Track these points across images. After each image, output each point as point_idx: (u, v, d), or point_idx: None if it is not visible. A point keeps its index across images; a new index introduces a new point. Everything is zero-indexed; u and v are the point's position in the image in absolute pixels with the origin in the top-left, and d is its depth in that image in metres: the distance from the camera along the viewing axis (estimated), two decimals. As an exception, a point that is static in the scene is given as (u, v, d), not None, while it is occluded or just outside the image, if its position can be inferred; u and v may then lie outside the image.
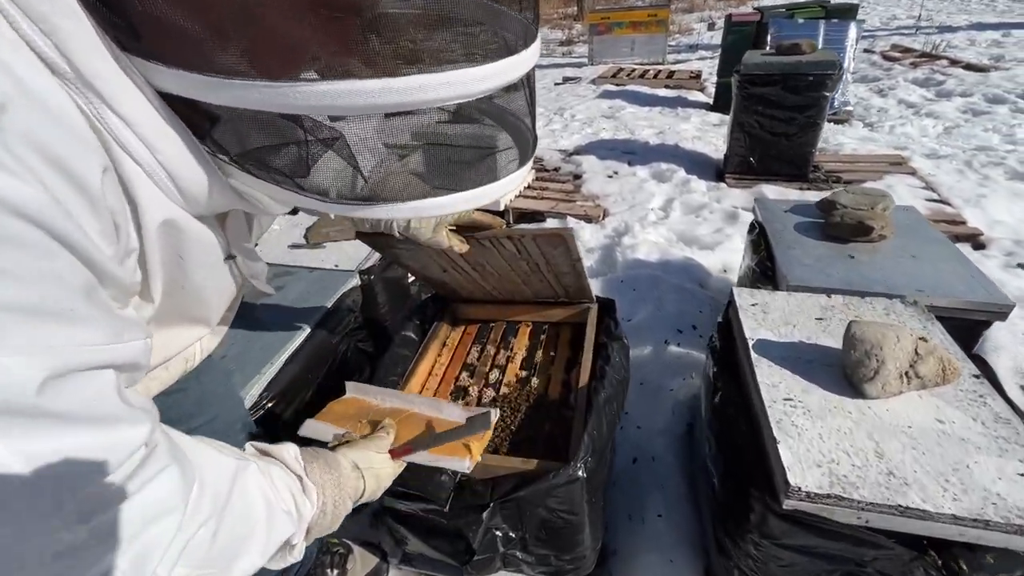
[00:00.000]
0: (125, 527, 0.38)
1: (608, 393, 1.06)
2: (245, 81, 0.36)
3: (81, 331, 0.34)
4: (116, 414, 0.37)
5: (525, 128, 0.50)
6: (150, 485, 0.40)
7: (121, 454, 0.37)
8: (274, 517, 0.55)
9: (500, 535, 1.02)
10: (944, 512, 0.76)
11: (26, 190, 0.30)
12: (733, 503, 0.97)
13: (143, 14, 0.34)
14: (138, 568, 0.38)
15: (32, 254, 0.30)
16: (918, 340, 0.97)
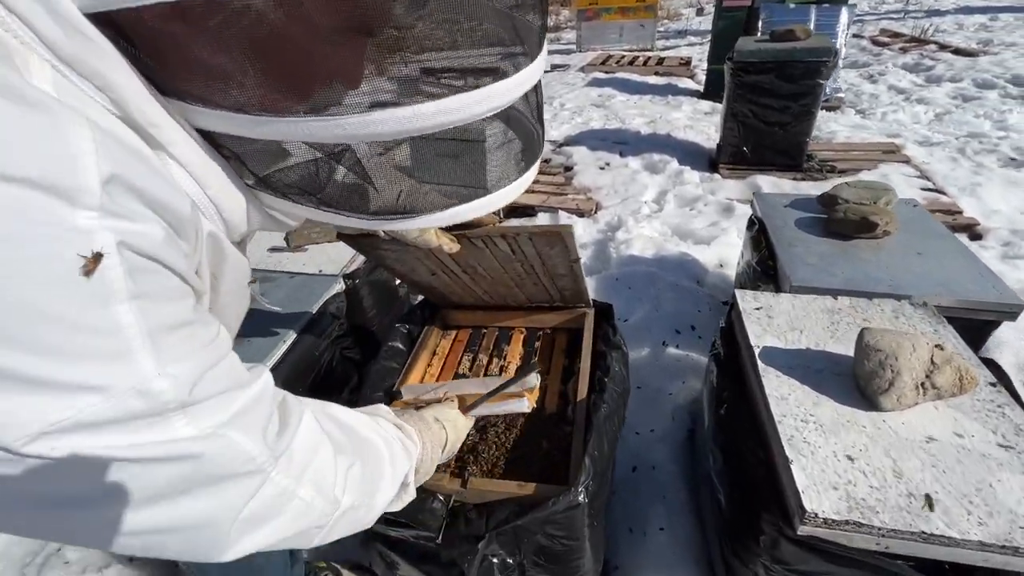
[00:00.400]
0: (302, 456, 0.49)
1: (608, 408, 1.00)
2: (290, 118, 0.38)
3: (203, 331, 0.40)
4: (247, 378, 0.44)
5: (535, 127, 0.53)
6: (302, 422, 0.50)
7: (265, 404, 0.45)
8: (394, 455, 0.66)
9: (497, 562, 0.97)
10: (970, 539, 0.71)
11: (145, 233, 0.34)
12: (742, 524, 0.92)
13: (185, 61, 0.36)
14: (320, 489, 0.51)
15: (161, 282, 0.35)
16: (934, 348, 0.92)
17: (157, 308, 0.34)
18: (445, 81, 0.41)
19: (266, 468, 0.44)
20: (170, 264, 0.36)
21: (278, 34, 0.34)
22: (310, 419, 0.52)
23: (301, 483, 0.48)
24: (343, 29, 0.36)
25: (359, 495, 0.57)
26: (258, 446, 0.42)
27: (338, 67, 0.38)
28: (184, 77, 0.37)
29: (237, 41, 0.35)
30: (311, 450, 0.50)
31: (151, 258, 0.34)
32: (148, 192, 0.34)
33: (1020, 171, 3.00)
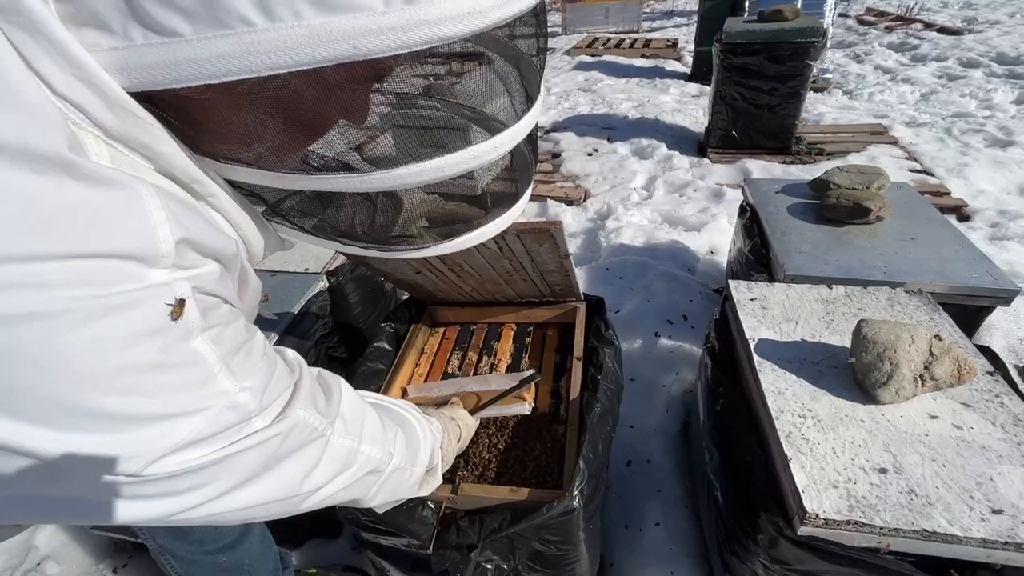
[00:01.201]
0: (353, 416, 0.57)
1: (602, 407, 0.97)
2: (316, 175, 0.43)
3: (256, 345, 0.45)
4: (294, 367, 0.52)
5: (531, 156, 0.56)
6: (343, 389, 0.59)
7: (309, 381, 0.52)
8: (424, 430, 0.75)
9: (491, 568, 0.94)
10: (973, 536, 0.70)
11: (209, 273, 0.39)
12: (740, 522, 0.90)
13: (217, 128, 0.39)
14: (377, 443, 0.61)
15: (221, 313, 0.41)
16: (932, 339, 0.90)
17: (223, 335, 0.40)
18: (454, 136, 0.46)
19: (326, 432, 0.52)
20: (224, 296, 0.41)
21: (302, 100, 0.37)
22: (349, 388, 0.60)
23: (362, 440, 0.57)
24: (359, 88, 0.40)
25: (404, 457, 0.67)
26: (314, 415, 0.50)
27: (359, 127, 0.43)
28: (215, 141, 0.40)
29: (264, 110, 0.38)
30: (359, 412, 0.59)
31: (212, 294, 0.39)
32: (204, 242, 0.38)
33: (1006, 151, 3.00)
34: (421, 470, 0.72)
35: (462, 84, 0.47)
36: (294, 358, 0.53)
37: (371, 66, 0.36)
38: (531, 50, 0.49)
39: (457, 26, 0.34)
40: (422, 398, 1.15)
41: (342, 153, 0.44)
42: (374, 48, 0.33)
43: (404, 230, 0.54)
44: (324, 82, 0.36)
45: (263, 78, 0.34)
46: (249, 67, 0.32)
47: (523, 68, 0.49)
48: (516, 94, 0.48)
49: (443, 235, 0.54)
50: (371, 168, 0.43)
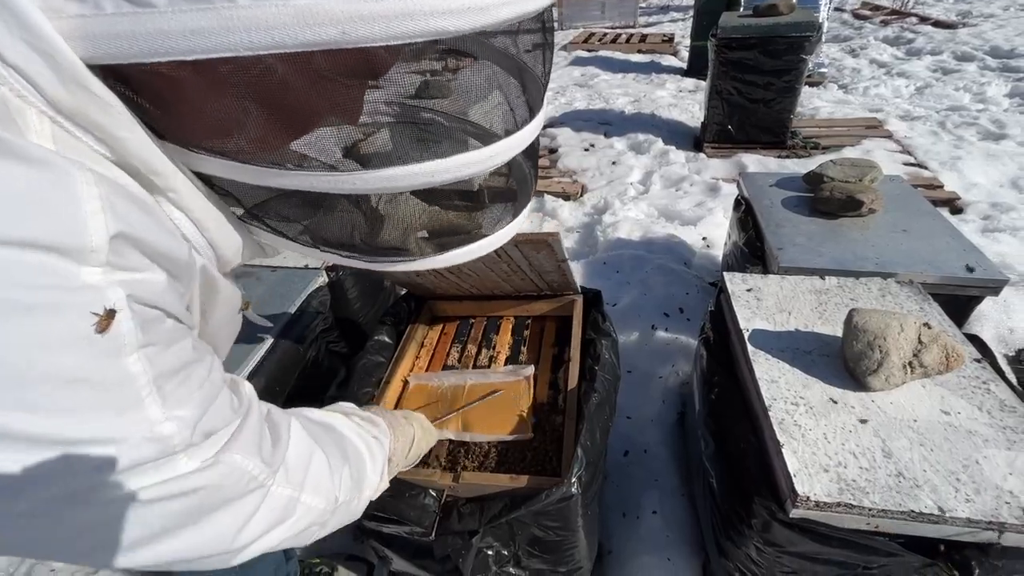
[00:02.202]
0: (298, 463, 0.51)
1: (599, 397, 0.99)
2: (298, 171, 0.39)
3: (201, 369, 0.40)
4: (239, 403, 0.45)
5: (531, 170, 0.54)
6: (292, 432, 0.52)
7: (255, 422, 0.46)
8: (371, 450, 0.69)
9: (492, 554, 0.96)
10: (958, 516, 0.72)
11: (150, 282, 0.35)
12: (734, 507, 0.93)
13: (191, 112, 0.36)
14: (319, 491, 0.53)
15: (164, 328, 0.36)
16: (921, 327, 0.93)
17: (161, 354, 0.35)
18: (448, 141, 0.43)
19: (266, 483, 0.46)
20: (170, 309, 0.37)
21: (288, 89, 0.34)
22: (299, 428, 0.54)
23: (304, 490, 0.51)
24: (351, 83, 0.37)
25: (350, 491, 0.61)
26: (256, 464, 0.44)
27: (347, 121, 0.40)
28: (188, 126, 0.37)
29: (242, 96, 0.35)
30: (306, 457, 0.53)
31: (154, 306, 0.35)
32: (150, 242, 0.34)
33: (999, 143, 3.03)
34: (370, 492, 0.68)
35: (459, 87, 0.44)
36: (248, 393, 0.48)
37: (361, 56, 0.33)
38: (535, 59, 0.46)
39: (457, 21, 0.32)
40: (422, 386, 1.17)
41: (326, 151, 0.41)
42: (365, 36, 0.31)
43: (391, 241, 0.51)
44: (309, 70, 0.34)
45: (242, 59, 0.31)
46: (227, 45, 0.30)
47: (526, 78, 0.46)
48: (517, 104, 0.46)
49: (433, 248, 0.51)
50: (356, 168, 0.40)
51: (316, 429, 0.60)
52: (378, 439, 0.72)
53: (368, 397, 1.13)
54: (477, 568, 0.96)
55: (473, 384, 1.17)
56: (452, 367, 1.27)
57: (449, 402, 1.14)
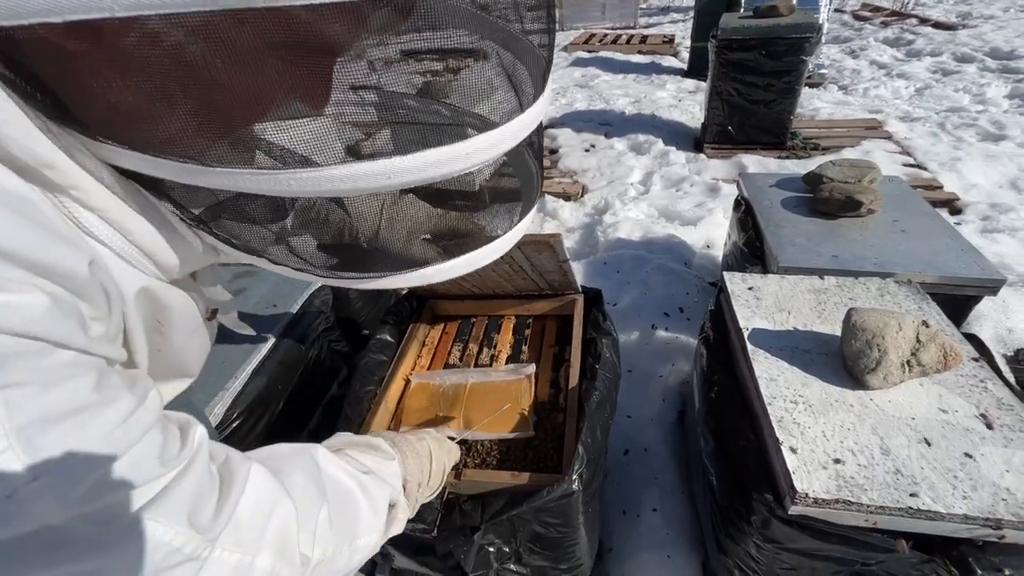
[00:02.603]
0: (253, 520, 0.42)
1: (600, 395, 1.00)
2: (233, 169, 0.32)
3: (109, 413, 0.32)
4: (171, 456, 0.37)
5: (536, 171, 0.48)
6: (249, 482, 0.43)
7: (192, 480, 0.38)
8: (365, 488, 0.57)
9: (493, 551, 0.97)
10: (955, 512, 0.73)
11: (18, 306, 0.27)
12: (733, 504, 0.93)
13: (90, 92, 0.29)
14: (283, 552, 0.43)
15: (39, 365, 0.28)
16: (919, 326, 0.93)
17: (32, 398, 0.27)
18: (410, 133, 0.36)
19: (200, 553, 0.37)
20: (57, 339, 0.29)
21: (195, 64, 0.28)
22: (260, 476, 0.45)
23: (259, 552, 0.42)
24: (304, 51, 0.30)
25: (333, 543, 0.50)
26: (182, 533, 0.35)
27: (300, 100, 0.33)
28: (81, 109, 0.30)
29: (143, 69, 0.28)
30: (265, 512, 0.43)
31: (25, 335, 0.27)
32: (23, 253, 0.27)
33: (998, 144, 3.04)
34: (369, 538, 0.57)
35: (424, 73, 0.36)
36: (196, 440, 0.40)
37: (280, 20, 0.27)
38: (529, 37, 0.39)
39: None
40: (424, 385, 1.18)
41: (254, 141, 0.34)
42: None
43: (382, 251, 0.44)
44: (217, 40, 0.27)
45: (123, 22, 0.25)
46: (99, 1, 0.24)
47: (520, 55, 0.39)
48: (497, 92, 0.39)
49: (431, 258, 0.44)
50: (295, 166, 0.33)
51: (290, 470, 0.50)
52: (372, 473, 0.61)
53: (371, 395, 1.13)
54: (478, 565, 0.97)
55: (475, 383, 1.18)
56: (453, 366, 1.28)
57: (451, 400, 1.15)
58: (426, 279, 0.44)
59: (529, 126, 0.39)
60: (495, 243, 0.46)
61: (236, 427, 1.16)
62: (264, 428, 1.23)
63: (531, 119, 0.39)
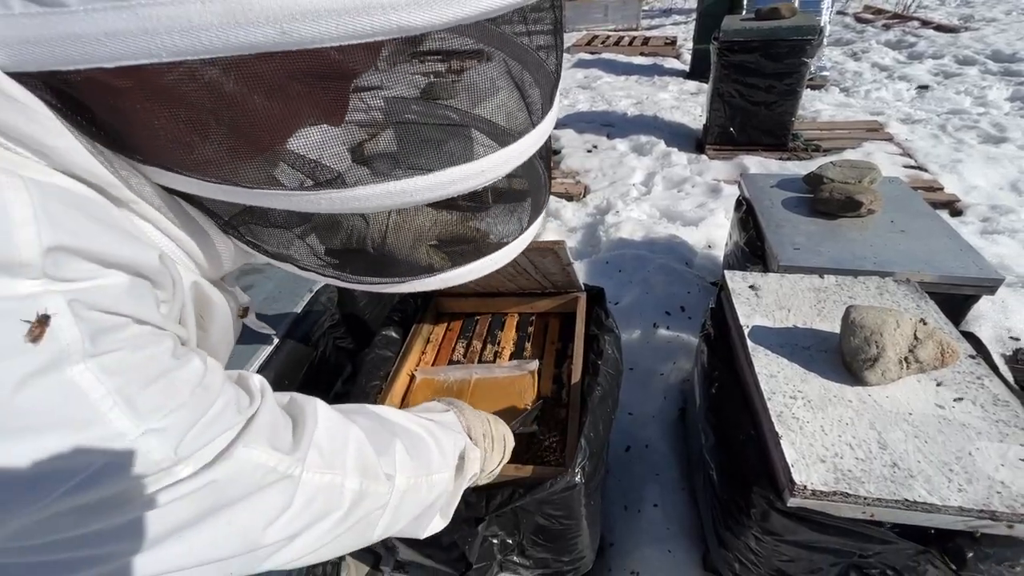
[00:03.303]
0: (332, 446, 0.46)
1: (602, 390, 1.01)
2: (265, 190, 0.36)
3: (188, 374, 0.37)
4: (244, 405, 0.42)
5: (544, 178, 0.51)
6: (319, 415, 0.47)
7: (266, 415, 0.42)
8: (431, 429, 0.63)
9: (497, 543, 0.99)
10: (951, 504, 0.75)
11: (100, 288, 0.31)
12: (733, 498, 0.95)
13: (132, 125, 0.33)
14: (366, 472, 0.48)
15: (127, 335, 0.33)
16: (917, 323, 0.95)
17: (125, 363, 0.31)
18: (435, 154, 0.39)
19: (292, 471, 0.42)
20: (138, 315, 0.33)
21: (235, 100, 0.31)
22: (327, 410, 0.49)
23: (346, 472, 0.46)
24: (300, 93, 0.32)
25: (413, 473, 0.55)
26: (271, 455, 0.40)
27: (318, 135, 0.36)
28: (126, 138, 0.33)
29: (180, 106, 0.31)
30: (341, 438, 0.48)
31: (113, 312, 0.31)
32: (101, 251, 0.31)
33: (999, 147, 3.05)
34: (442, 476, 0.61)
35: (440, 90, 0.39)
36: (257, 387, 0.44)
37: (313, 59, 0.29)
38: (539, 55, 0.41)
39: (426, 13, 0.28)
40: (429, 380, 1.20)
41: (287, 167, 0.37)
42: (310, 36, 0.27)
43: (397, 258, 0.48)
44: (251, 77, 0.30)
45: (168, 66, 0.27)
46: (148, 50, 0.26)
47: (529, 78, 0.42)
48: (509, 110, 0.41)
49: (439, 266, 0.47)
50: (326, 187, 0.36)
51: (353, 415, 0.55)
52: (441, 423, 0.66)
53: (376, 389, 1.15)
54: (482, 556, 0.99)
55: (479, 378, 1.20)
56: (457, 362, 1.30)
57: (455, 395, 1.16)
58: (445, 283, 0.47)
59: (541, 139, 0.42)
60: (507, 248, 0.49)
61: (244, 421, 1.18)
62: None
63: (542, 133, 0.42)
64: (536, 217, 0.51)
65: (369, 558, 1.26)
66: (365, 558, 1.26)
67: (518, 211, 0.52)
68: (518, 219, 0.51)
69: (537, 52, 0.42)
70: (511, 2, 0.31)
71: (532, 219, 0.51)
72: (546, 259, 1.01)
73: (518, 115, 0.42)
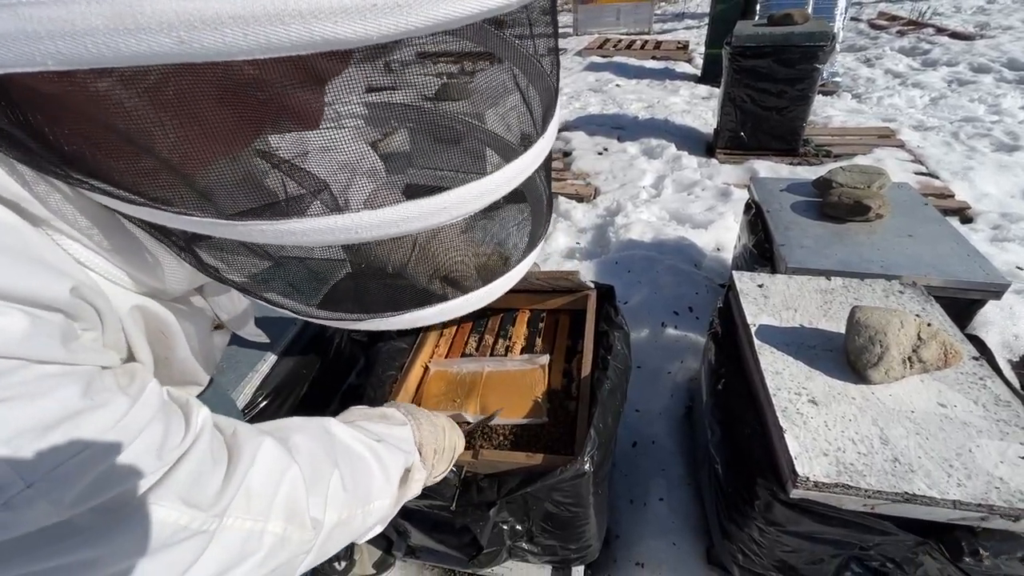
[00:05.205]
0: (264, 489, 0.43)
1: (612, 384, 1.04)
2: (220, 220, 0.33)
3: (102, 415, 0.33)
4: (172, 447, 0.38)
5: (545, 196, 0.49)
6: (259, 453, 0.44)
7: (193, 462, 0.39)
8: (377, 452, 0.58)
9: (507, 528, 1.02)
10: (949, 498, 0.77)
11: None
12: (738, 490, 0.98)
13: (33, 134, 0.29)
14: (292, 517, 0.45)
15: (24, 379, 0.30)
16: (921, 324, 0.97)
17: (17, 411, 0.29)
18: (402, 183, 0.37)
19: (208, 527, 0.39)
20: (36, 355, 0.30)
21: (151, 113, 0.28)
22: (269, 446, 0.46)
23: (269, 518, 0.43)
24: (212, 109, 0.29)
25: (346, 507, 0.52)
26: (184, 513, 0.37)
27: (241, 163, 0.32)
28: (43, 154, 0.30)
29: (100, 119, 0.28)
30: (274, 481, 0.45)
31: (3, 356, 0.29)
32: (13, 291, 0.29)
33: (1012, 155, 3.04)
34: (383, 502, 0.58)
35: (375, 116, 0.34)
36: (198, 423, 0.41)
37: (225, 72, 0.26)
38: (526, 82, 0.39)
39: (357, 24, 0.24)
40: (442, 373, 1.24)
41: (220, 191, 0.34)
42: (214, 48, 0.23)
43: (378, 292, 0.45)
44: (153, 91, 0.27)
45: (60, 75, 0.25)
46: (32, 56, 0.23)
47: (533, 84, 0.38)
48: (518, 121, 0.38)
49: (392, 305, 0.44)
50: (252, 218, 0.33)
51: (300, 439, 0.51)
52: (384, 441, 0.62)
53: (392, 379, 1.19)
54: (492, 541, 1.02)
55: (491, 371, 1.24)
56: (470, 355, 1.34)
57: (468, 387, 1.20)
58: (445, 315, 0.45)
59: (541, 155, 0.40)
60: (511, 273, 0.48)
61: (263, 408, 1.22)
62: (288, 411, 1.29)
63: (542, 148, 0.40)
64: (542, 232, 0.50)
65: (382, 543, 1.30)
66: (378, 543, 1.29)
67: (524, 232, 0.49)
68: (523, 240, 0.49)
69: (530, 67, 0.39)
70: (474, 11, 0.27)
71: (537, 239, 0.49)
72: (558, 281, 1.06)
73: (523, 130, 0.39)
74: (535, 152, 0.39)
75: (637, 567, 1.20)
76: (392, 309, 0.45)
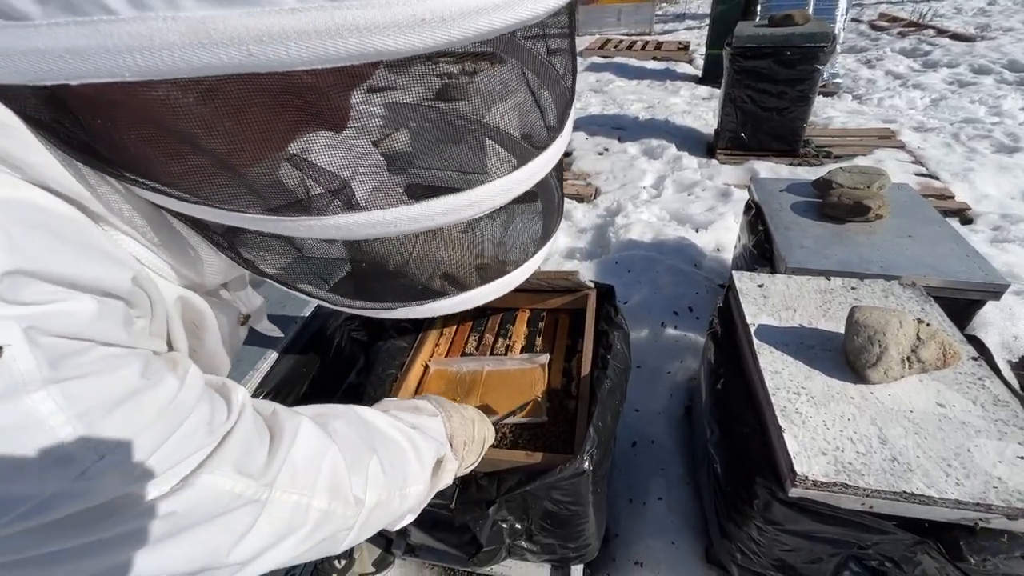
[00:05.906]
0: (307, 466, 0.46)
1: (611, 383, 1.05)
2: (245, 213, 0.36)
3: (159, 394, 0.36)
4: (218, 423, 0.41)
5: (557, 191, 0.52)
6: (300, 432, 0.46)
7: (239, 437, 0.41)
8: (414, 443, 0.61)
9: (506, 527, 1.02)
10: (947, 497, 0.77)
11: (63, 313, 0.31)
12: (737, 489, 0.98)
13: (103, 139, 0.32)
14: (336, 493, 0.47)
15: (92, 359, 0.32)
16: (920, 324, 0.97)
17: (88, 387, 0.31)
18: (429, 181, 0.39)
19: (259, 496, 0.41)
20: (104, 337, 0.33)
21: (208, 122, 0.30)
22: (309, 426, 0.49)
23: (315, 493, 0.46)
24: (272, 117, 0.32)
25: (385, 489, 0.55)
26: (236, 481, 0.40)
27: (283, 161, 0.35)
28: (101, 155, 0.33)
29: (150, 126, 0.31)
30: (317, 458, 0.47)
31: (74, 336, 0.31)
32: (65, 273, 0.30)
33: (1012, 156, 3.04)
34: (420, 487, 0.61)
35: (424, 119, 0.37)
36: (239, 401, 0.43)
37: (285, 81, 0.28)
38: (545, 82, 0.41)
39: (408, 37, 0.26)
40: (442, 371, 1.24)
41: (265, 189, 0.36)
42: (278, 59, 0.25)
43: (401, 282, 0.48)
44: (220, 98, 0.29)
45: (135, 85, 0.27)
46: (110, 69, 0.25)
47: (532, 104, 0.41)
48: (535, 123, 0.41)
49: (452, 289, 0.47)
50: (301, 214, 0.36)
51: (338, 424, 0.54)
52: (419, 429, 0.65)
53: (392, 378, 1.19)
54: (492, 540, 1.02)
55: (490, 370, 1.24)
56: (470, 354, 1.34)
57: (468, 386, 1.20)
58: (467, 303, 0.48)
59: (556, 155, 0.43)
60: (527, 264, 0.51)
61: (264, 406, 1.23)
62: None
63: (557, 150, 0.42)
64: (552, 231, 0.53)
65: (381, 541, 1.30)
66: (377, 541, 1.30)
67: (535, 230, 0.52)
68: (534, 238, 0.52)
69: (548, 72, 0.42)
70: (516, 20, 0.29)
71: (547, 237, 0.52)
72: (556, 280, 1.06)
73: (539, 131, 0.42)
74: (556, 148, 0.42)
75: (636, 566, 1.21)
76: (420, 298, 0.48)
